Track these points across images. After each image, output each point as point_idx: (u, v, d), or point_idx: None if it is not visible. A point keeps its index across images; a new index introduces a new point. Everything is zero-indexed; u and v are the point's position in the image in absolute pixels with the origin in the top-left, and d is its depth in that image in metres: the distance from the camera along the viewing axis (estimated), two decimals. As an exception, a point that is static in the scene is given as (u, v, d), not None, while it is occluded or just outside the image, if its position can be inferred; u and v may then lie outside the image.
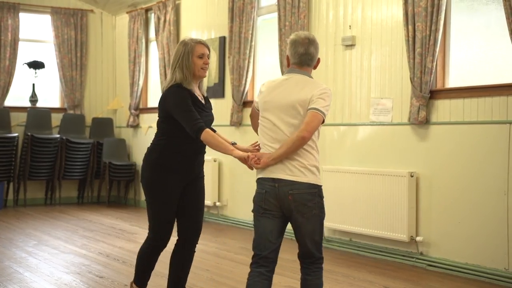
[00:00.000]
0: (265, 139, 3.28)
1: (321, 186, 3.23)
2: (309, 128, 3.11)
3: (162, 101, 3.68)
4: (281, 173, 3.17)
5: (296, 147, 3.13)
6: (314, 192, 3.17)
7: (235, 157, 3.42)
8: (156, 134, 3.77)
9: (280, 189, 3.15)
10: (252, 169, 3.30)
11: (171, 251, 3.87)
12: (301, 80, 3.24)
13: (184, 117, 3.56)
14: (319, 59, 3.34)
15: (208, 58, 3.71)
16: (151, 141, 3.79)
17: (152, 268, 3.91)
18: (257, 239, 3.26)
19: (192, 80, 3.67)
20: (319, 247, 3.26)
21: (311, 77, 3.30)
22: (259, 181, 3.25)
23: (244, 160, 3.34)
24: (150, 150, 3.76)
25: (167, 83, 3.68)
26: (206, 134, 3.53)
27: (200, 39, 3.73)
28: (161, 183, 3.68)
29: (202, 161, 3.85)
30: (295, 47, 3.26)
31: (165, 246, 3.82)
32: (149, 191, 3.74)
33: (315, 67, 3.34)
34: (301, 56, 3.26)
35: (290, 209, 3.17)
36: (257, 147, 3.53)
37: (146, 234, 3.83)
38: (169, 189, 3.69)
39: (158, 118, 3.76)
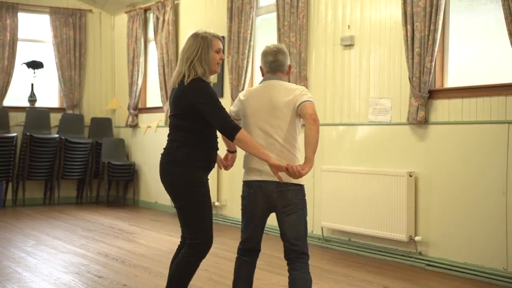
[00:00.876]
0: None
1: (303, 185, 3.42)
2: (313, 112, 3.29)
3: (185, 95, 3.35)
4: (265, 176, 3.35)
5: (316, 132, 3.26)
6: (297, 189, 3.37)
7: (271, 164, 3.22)
8: (172, 134, 3.48)
9: (266, 187, 3.36)
10: (282, 180, 3.25)
11: (171, 251, 3.82)
12: (278, 84, 3.47)
13: (217, 113, 3.32)
14: (290, 65, 3.60)
15: None
16: (170, 141, 3.47)
17: None
18: (244, 231, 3.49)
19: (209, 75, 3.48)
20: (304, 241, 3.39)
21: (285, 81, 3.52)
22: (246, 183, 3.45)
23: (282, 169, 3.19)
24: (174, 148, 3.42)
25: (183, 77, 3.39)
26: (243, 134, 3.28)
27: (216, 33, 3.50)
28: (198, 178, 3.40)
29: None
30: (265, 57, 3.53)
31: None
32: (187, 190, 3.39)
33: (287, 73, 3.58)
34: (271, 64, 3.50)
35: (275, 205, 3.37)
36: None
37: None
38: (206, 183, 3.45)
39: (172, 115, 3.47)
